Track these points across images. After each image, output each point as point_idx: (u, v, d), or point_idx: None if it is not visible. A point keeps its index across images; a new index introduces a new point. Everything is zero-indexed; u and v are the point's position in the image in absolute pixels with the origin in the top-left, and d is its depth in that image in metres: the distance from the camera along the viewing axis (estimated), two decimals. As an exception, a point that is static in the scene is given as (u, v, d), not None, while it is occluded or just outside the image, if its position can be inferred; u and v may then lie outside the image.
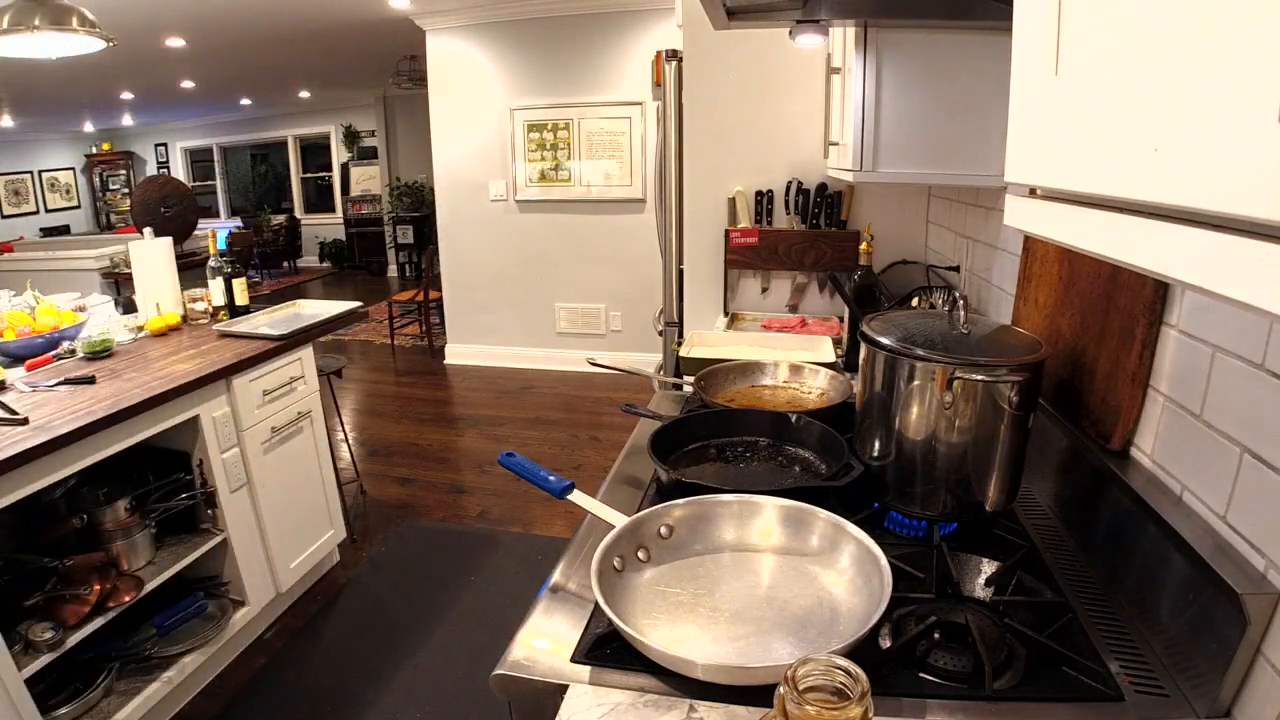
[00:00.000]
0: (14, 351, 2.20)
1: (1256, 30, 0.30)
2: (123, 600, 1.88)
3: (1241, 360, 0.81)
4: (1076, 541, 1.10)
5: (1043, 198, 0.55)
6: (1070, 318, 1.21)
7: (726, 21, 1.47)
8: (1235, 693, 0.75)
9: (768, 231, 2.48)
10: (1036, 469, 1.23)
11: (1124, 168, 0.41)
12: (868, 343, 1.13)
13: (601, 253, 5.21)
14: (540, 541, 3.04)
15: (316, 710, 2.14)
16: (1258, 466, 0.77)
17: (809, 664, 0.59)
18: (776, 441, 1.37)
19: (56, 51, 2.44)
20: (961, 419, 1.04)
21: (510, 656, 0.89)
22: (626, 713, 0.78)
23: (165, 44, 5.31)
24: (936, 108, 1.48)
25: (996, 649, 0.84)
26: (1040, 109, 0.53)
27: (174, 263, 2.65)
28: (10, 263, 6.30)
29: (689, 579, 0.97)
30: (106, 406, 1.82)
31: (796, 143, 2.42)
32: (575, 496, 1.11)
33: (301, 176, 10.78)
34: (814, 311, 2.50)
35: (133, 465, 2.03)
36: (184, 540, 2.15)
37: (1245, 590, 0.72)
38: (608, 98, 4.94)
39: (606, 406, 4.61)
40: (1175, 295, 0.95)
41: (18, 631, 1.70)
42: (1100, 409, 1.09)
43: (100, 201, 11.05)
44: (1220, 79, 0.33)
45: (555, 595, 1.01)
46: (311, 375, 2.59)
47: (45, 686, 1.77)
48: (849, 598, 0.91)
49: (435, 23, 5.05)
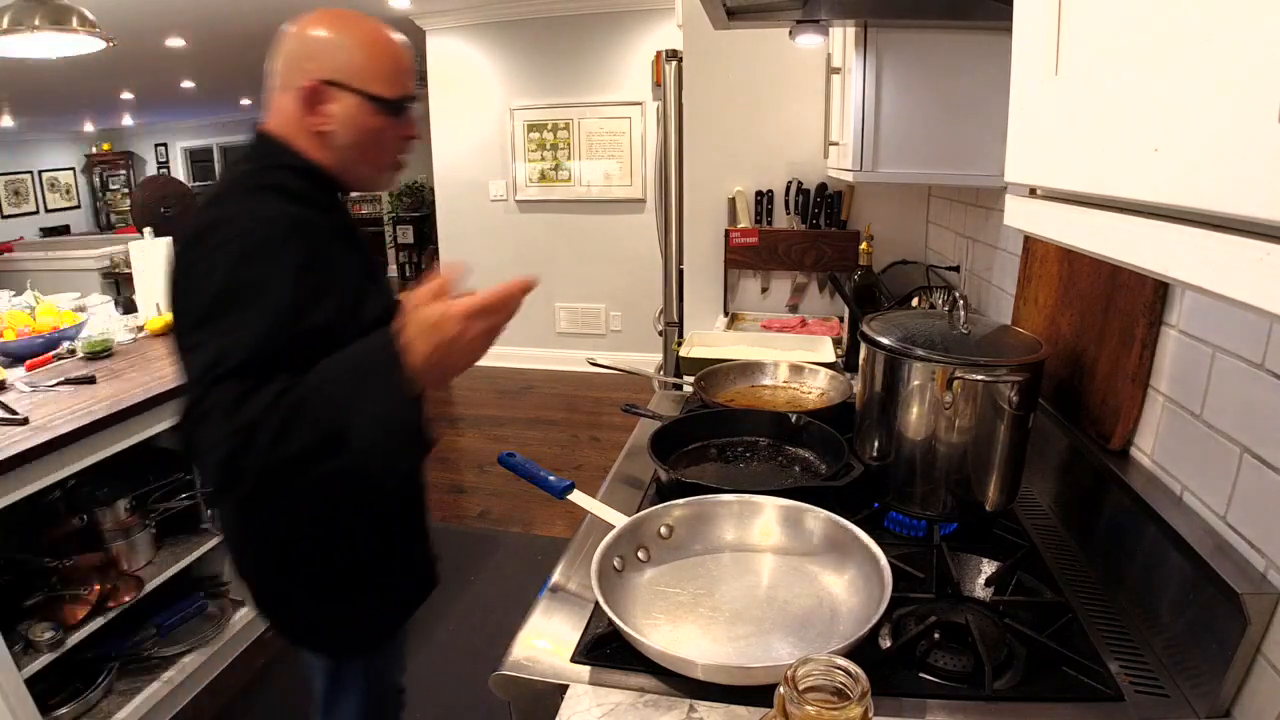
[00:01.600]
0: (14, 351, 2.20)
1: (1256, 30, 0.30)
2: (123, 600, 1.88)
3: (1241, 360, 0.81)
4: (1076, 541, 1.10)
5: (1043, 198, 0.55)
6: (1070, 318, 1.21)
7: (726, 21, 1.47)
8: (1235, 693, 0.75)
9: (768, 231, 2.48)
10: (1036, 469, 1.23)
11: (1124, 168, 0.41)
12: (868, 343, 1.13)
13: (601, 253, 5.21)
14: (540, 541, 3.04)
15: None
16: (1258, 466, 0.77)
17: (809, 664, 0.59)
18: (776, 441, 1.37)
19: (56, 51, 2.44)
20: (961, 419, 1.04)
21: (510, 656, 0.89)
22: (626, 713, 0.78)
23: (165, 44, 5.31)
24: (936, 108, 1.48)
25: (996, 649, 0.84)
26: (1040, 109, 0.53)
27: (174, 263, 2.65)
28: (10, 263, 6.29)
29: (689, 579, 0.97)
30: (106, 406, 1.82)
31: (796, 143, 2.41)
32: (575, 496, 1.11)
33: (301, 176, 10.77)
34: (814, 311, 2.50)
35: (133, 465, 2.03)
36: (184, 540, 2.15)
37: (1245, 590, 0.72)
38: (608, 98, 4.94)
39: (606, 406, 4.61)
40: (1175, 295, 0.95)
41: (18, 631, 1.70)
42: (1100, 409, 1.09)
43: (100, 201, 11.05)
44: (1220, 79, 0.33)
45: (555, 595, 1.01)
46: (311, 375, 2.59)
47: (45, 686, 1.77)
48: (849, 598, 0.91)
49: (435, 23, 5.05)
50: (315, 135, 1.04)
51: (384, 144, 1.08)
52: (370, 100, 1.03)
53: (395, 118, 1.06)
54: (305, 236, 0.97)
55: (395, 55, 1.06)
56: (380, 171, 1.12)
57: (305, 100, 1.02)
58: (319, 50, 1.03)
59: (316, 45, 1.03)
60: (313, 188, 1.05)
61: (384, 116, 1.05)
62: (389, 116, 1.05)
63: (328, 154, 1.05)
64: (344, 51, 1.03)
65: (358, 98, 1.02)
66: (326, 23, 1.04)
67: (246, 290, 0.91)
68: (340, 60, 1.02)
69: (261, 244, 0.93)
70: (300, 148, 1.05)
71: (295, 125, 1.04)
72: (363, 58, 1.03)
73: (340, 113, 1.03)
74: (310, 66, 1.02)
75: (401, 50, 1.08)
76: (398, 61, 1.06)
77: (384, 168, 1.12)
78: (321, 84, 1.01)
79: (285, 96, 1.04)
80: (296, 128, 1.04)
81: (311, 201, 1.03)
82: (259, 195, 1.00)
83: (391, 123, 1.06)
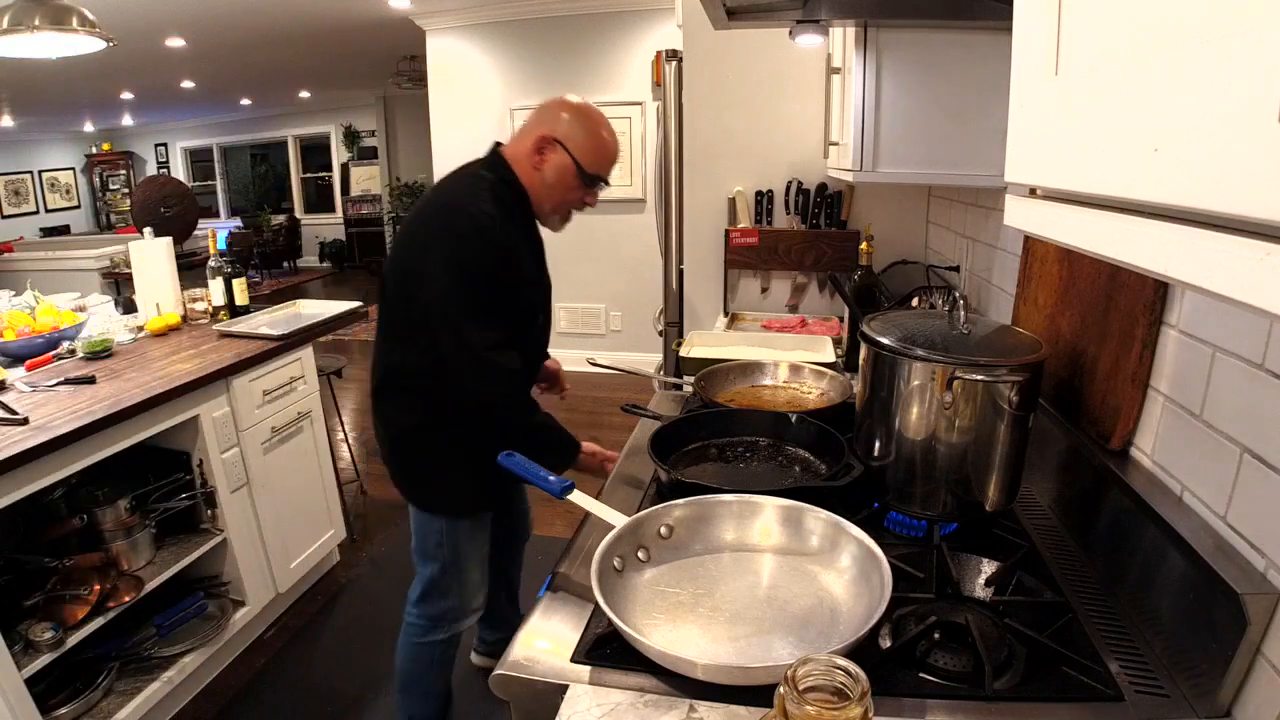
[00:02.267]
0: (14, 351, 2.20)
1: (1256, 30, 0.30)
2: (123, 600, 1.88)
3: (1241, 360, 0.81)
4: (1076, 541, 1.10)
5: (1043, 198, 0.55)
6: (1070, 318, 1.21)
7: (726, 21, 1.47)
8: (1235, 693, 0.75)
9: (768, 231, 2.48)
10: (1036, 469, 1.23)
11: (1124, 168, 0.41)
12: (868, 343, 1.13)
13: (601, 253, 5.21)
14: (540, 541, 3.02)
15: (316, 710, 2.14)
16: (1258, 466, 0.77)
17: (809, 664, 0.59)
18: (776, 441, 1.37)
19: (56, 51, 2.44)
20: (961, 419, 1.04)
21: (510, 656, 0.89)
22: (626, 713, 0.78)
23: (165, 44, 5.31)
24: (936, 108, 1.48)
25: (996, 649, 0.84)
26: (1040, 109, 0.53)
27: (174, 263, 2.65)
28: (10, 263, 6.29)
29: (689, 579, 0.97)
30: (106, 406, 1.82)
31: (796, 143, 2.41)
32: (575, 496, 1.11)
33: (301, 176, 10.78)
34: (814, 311, 2.50)
35: (133, 465, 2.03)
36: (184, 540, 2.15)
37: (1245, 590, 0.72)
38: (608, 98, 4.93)
39: (606, 406, 4.60)
40: (1175, 295, 0.95)
41: (18, 631, 1.70)
42: (1100, 409, 1.09)
43: (100, 201, 11.05)
44: (1220, 79, 0.33)
45: (555, 595, 1.01)
46: (311, 375, 2.59)
47: (45, 686, 1.77)
48: (849, 598, 0.91)
49: (435, 23, 5.05)
50: (533, 169, 1.50)
51: (568, 196, 1.53)
52: (575, 164, 1.48)
53: (583, 186, 1.51)
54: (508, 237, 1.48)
55: (605, 150, 1.51)
56: (555, 211, 1.56)
57: (537, 144, 1.49)
58: (562, 122, 1.49)
59: (563, 117, 1.49)
60: (516, 199, 1.51)
61: (577, 179, 1.50)
62: (580, 182, 1.50)
63: (532, 181, 1.51)
64: (576, 129, 1.48)
65: (569, 159, 1.48)
66: (575, 108, 1.50)
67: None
68: (571, 133, 1.48)
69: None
70: (518, 171, 1.51)
71: (524, 157, 1.50)
72: (585, 139, 1.48)
73: (554, 160, 1.49)
74: (551, 127, 1.49)
75: (612, 149, 1.53)
76: (604, 155, 1.52)
77: (558, 210, 1.56)
78: (552, 139, 1.48)
79: (527, 137, 1.50)
80: (525, 160, 1.50)
81: (512, 208, 1.51)
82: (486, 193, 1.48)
83: (579, 186, 1.51)
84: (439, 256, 1.43)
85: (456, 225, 1.43)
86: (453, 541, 1.65)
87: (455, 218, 1.44)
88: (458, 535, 1.65)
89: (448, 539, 1.65)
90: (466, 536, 1.66)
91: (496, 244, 1.43)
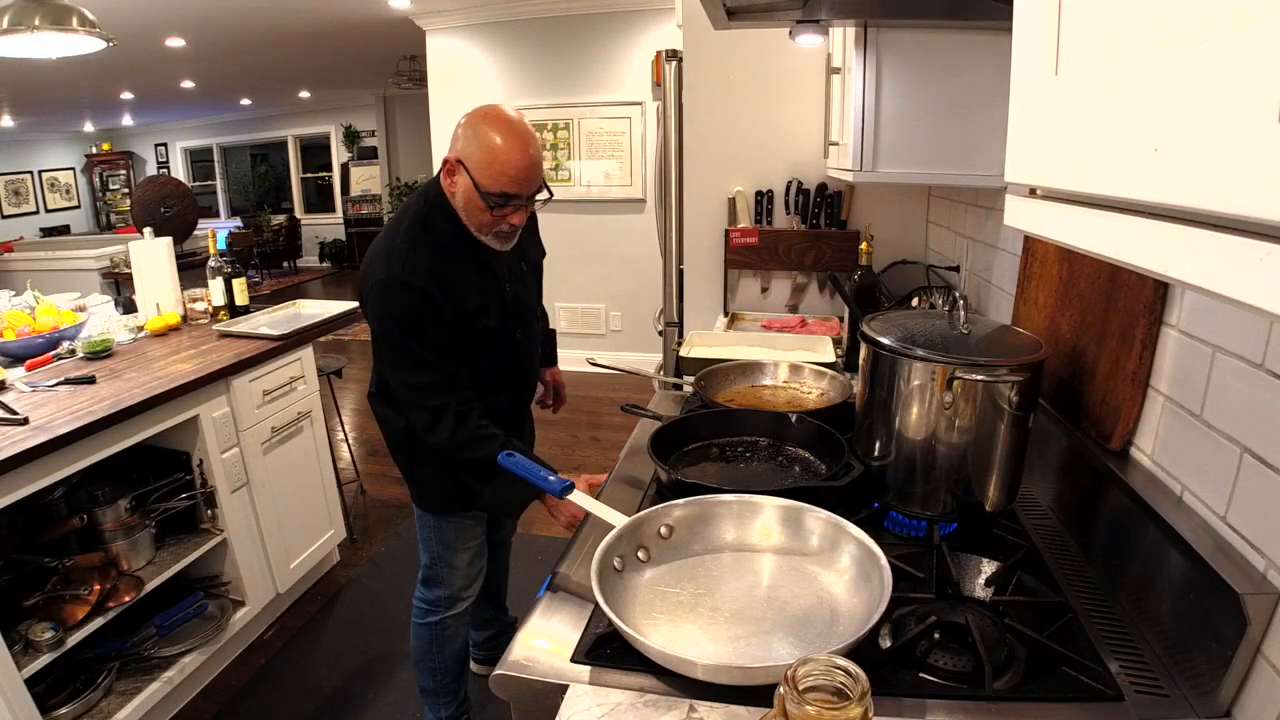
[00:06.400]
0: (14, 351, 2.20)
1: (1256, 30, 0.30)
2: (123, 600, 1.88)
3: (1241, 360, 0.81)
4: (1076, 541, 1.10)
5: (1043, 198, 0.55)
6: (1070, 318, 1.21)
7: (726, 21, 1.47)
8: (1235, 693, 0.75)
9: (768, 231, 2.48)
10: (1036, 469, 1.23)
11: (1124, 168, 0.41)
12: (868, 343, 1.13)
13: (601, 253, 5.21)
14: (540, 541, 3.04)
15: (316, 710, 2.14)
16: (1258, 466, 0.77)
17: (809, 664, 0.59)
18: (776, 441, 1.37)
19: (56, 51, 2.44)
20: (961, 419, 1.04)
21: (510, 656, 0.89)
22: (626, 713, 0.78)
23: (165, 44, 5.31)
24: (936, 108, 1.48)
25: (996, 649, 0.84)
26: (1040, 109, 0.53)
27: (174, 263, 2.65)
28: (10, 263, 6.30)
29: (689, 579, 0.97)
30: (106, 406, 1.82)
31: (796, 143, 2.41)
32: (575, 496, 1.11)
33: (301, 176, 10.77)
34: (814, 311, 2.50)
35: (133, 465, 2.03)
36: (184, 540, 2.15)
37: (1245, 590, 0.72)
38: (608, 98, 4.94)
39: (606, 406, 4.61)
40: (1175, 295, 0.95)
41: (18, 631, 1.70)
42: (1100, 409, 1.09)
43: (100, 201, 11.05)
44: (1220, 79, 0.32)
45: (555, 595, 1.01)
46: (311, 375, 2.59)
47: (45, 686, 1.77)
48: (849, 598, 0.91)
49: (435, 23, 5.05)
50: (450, 193, 1.45)
51: (482, 219, 1.44)
52: (474, 185, 1.39)
53: (488, 208, 1.41)
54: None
55: (501, 164, 1.38)
56: (482, 232, 1.47)
57: (447, 168, 1.43)
58: (459, 139, 1.41)
59: (460, 133, 1.41)
60: (449, 224, 1.47)
61: (482, 201, 1.40)
62: (485, 204, 1.40)
63: (455, 204, 1.46)
64: (471, 146, 1.39)
65: (469, 179, 1.40)
66: (472, 119, 1.40)
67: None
68: (467, 150, 1.39)
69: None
70: (447, 194, 1.46)
71: (444, 181, 1.45)
72: (479, 155, 1.38)
73: (460, 183, 1.42)
74: (454, 146, 1.42)
75: (510, 161, 1.38)
76: (501, 170, 1.38)
77: (484, 231, 1.46)
78: (455, 160, 1.41)
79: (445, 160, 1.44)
80: (445, 183, 1.46)
81: (448, 237, 1.47)
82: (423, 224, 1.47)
83: (485, 208, 1.41)
84: (370, 305, 1.46)
85: (379, 279, 1.43)
86: (439, 536, 1.75)
87: (378, 271, 1.43)
88: (443, 530, 1.74)
89: (435, 533, 1.75)
90: (452, 533, 1.74)
91: (412, 297, 1.40)
